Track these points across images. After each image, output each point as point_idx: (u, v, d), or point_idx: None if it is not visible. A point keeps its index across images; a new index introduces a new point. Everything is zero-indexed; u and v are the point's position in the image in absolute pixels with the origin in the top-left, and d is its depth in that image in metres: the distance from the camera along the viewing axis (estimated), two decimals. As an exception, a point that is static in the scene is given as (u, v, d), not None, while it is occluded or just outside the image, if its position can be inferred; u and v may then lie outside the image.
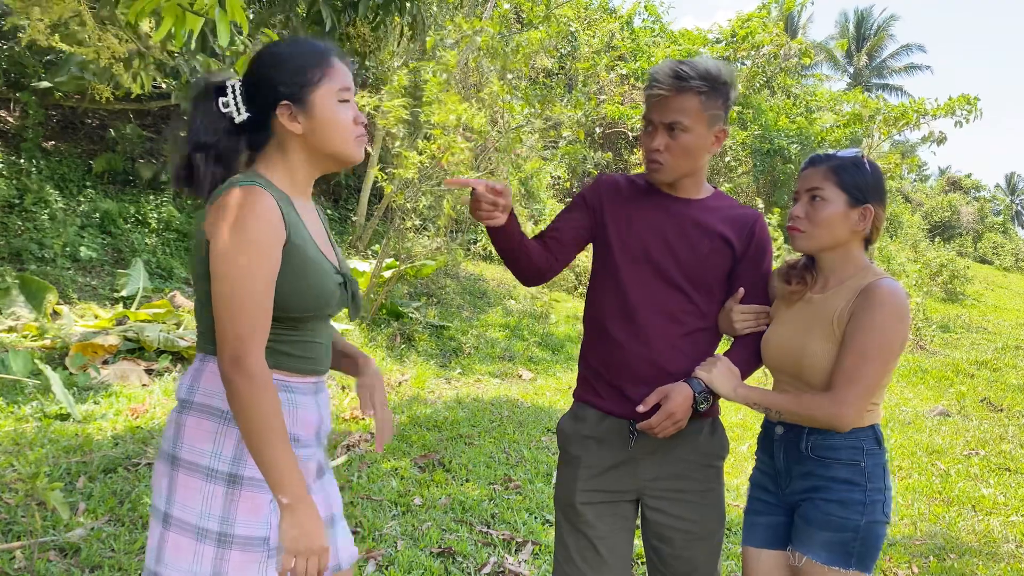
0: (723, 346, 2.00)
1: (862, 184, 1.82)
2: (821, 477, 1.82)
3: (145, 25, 4.36)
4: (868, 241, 1.89)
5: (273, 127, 1.53)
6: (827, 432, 1.81)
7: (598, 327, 1.97)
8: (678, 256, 1.90)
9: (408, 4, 3.88)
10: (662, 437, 1.82)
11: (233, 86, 1.53)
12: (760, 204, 14.12)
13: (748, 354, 1.94)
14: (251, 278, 1.39)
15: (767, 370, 2.01)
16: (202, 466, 1.44)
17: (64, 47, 4.47)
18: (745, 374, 1.93)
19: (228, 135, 1.54)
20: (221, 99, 1.52)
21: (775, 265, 2.04)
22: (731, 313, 1.93)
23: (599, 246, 2.00)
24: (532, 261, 1.95)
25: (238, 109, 1.52)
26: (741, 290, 1.93)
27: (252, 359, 1.38)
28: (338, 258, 1.64)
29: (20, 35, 7.97)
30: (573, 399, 2.08)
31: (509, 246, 1.92)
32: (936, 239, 23.80)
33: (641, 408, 1.83)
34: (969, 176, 39.48)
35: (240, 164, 1.58)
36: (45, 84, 8.24)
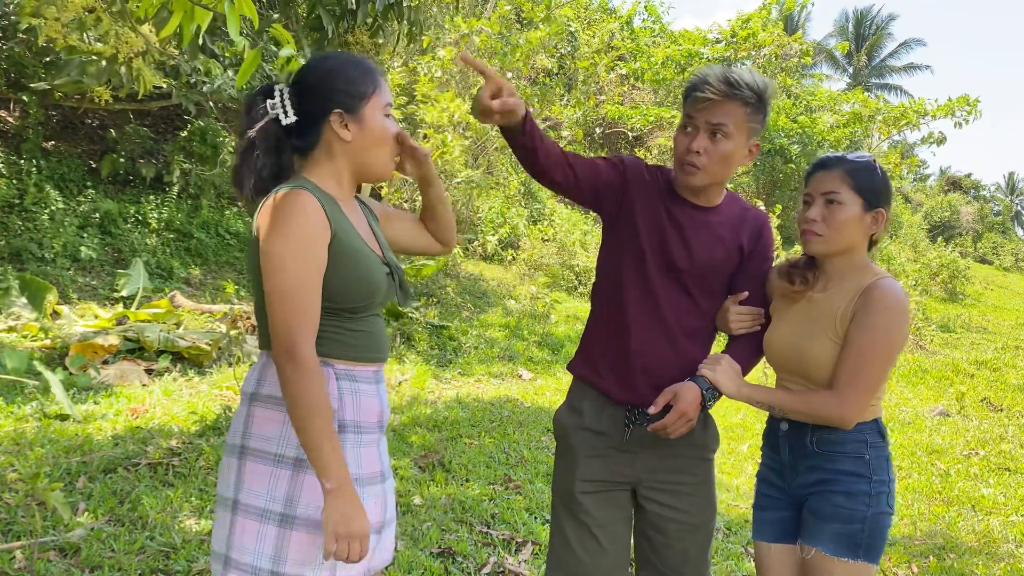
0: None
1: (875, 188, 1.84)
2: (827, 470, 1.85)
3: (145, 27, 4.36)
4: (874, 243, 1.91)
5: (323, 133, 1.61)
6: (830, 427, 1.84)
7: (619, 322, 1.95)
8: (694, 263, 1.92)
9: (407, 10, 3.88)
10: (674, 437, 1.85)
11: (281, 90, 1.62)
12: (760, 204, 14.10)
13: (745, 353, 1.97)
14: (297, 274, 1.48)
15: (765, 368, 2.03)
16: (270, 453, 1.54)
17: (80, 45, 4.46)
18: (742, 373, 1.95)
19: (276, 138, 1.62)
20: (268, 101, 1.60)
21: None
22: (728, 313, 1.95)
23: (625, 238, 1.96)
24: (552, 158, 1.86)
25: (285, 112, 1.60)
26: (745, 293, 1.95)
27: (301, 348, 1.46)
28: (383, 250, 1.72)
29: (22, 36, 7.99)
30: (570, 372, 2.07)
31: (530, 145, 1.82)
32: (936, 239, 23.79)
33: (652, 409, 1.84)
34: (969, 176, 39.51)
35: (291, 168, 1.66)
36: (44, 86, 8.23)
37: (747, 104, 1.83)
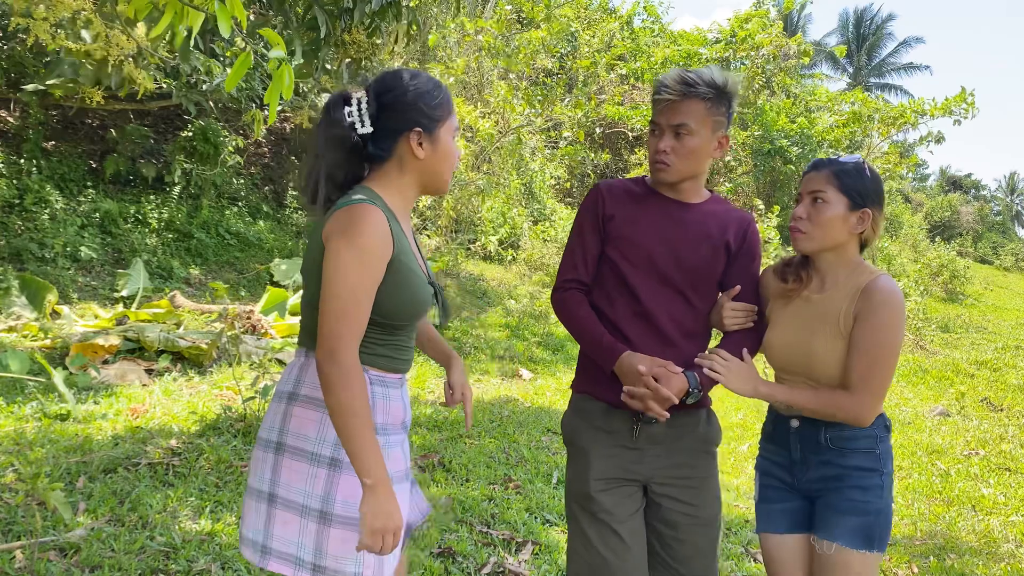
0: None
1: (862, 189, 1.90)
2: (841, 466, 1.90)
3: (140, 28, 4.35)
4: (865, 243, 1.96)
5: (398, 147, 1.68)
6: (843, 424, 1.89)
7: (611, 327, 1.99)
8: (680, 262, 1.96)
9: (404, 9, 3.87)
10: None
11: (359, 99, 1.67)
12: (760, 205, 14.05)
13: (738, 350, 1.99)
14: (356, 284, 1.54)
15: (766, 368, 2.04)
16: (307, 451, 1.61)
17: (69, 46, 4.45)
18: None
19: (350, 145, 1.67)
20: (346, 108, 1.66)
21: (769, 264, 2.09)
22: (722, 309, 1.98)
23: (610, 254, 2.03)
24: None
25: (362, 121, 1.66)
26: (737, 287, 1.98)
27: (346, 353, 1.53)
28: (426, 267, 1.79)
29: (22, 36, 8.00)
30: (572, 390, 2.12)
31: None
32: (936, 239, 23.80)
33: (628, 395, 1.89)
34: (969, 176, 39.54)
35: (363, 175, 1.73)
36: (35, 85, 8.22)
37: (705, 100, 1.91)
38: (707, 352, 1.96)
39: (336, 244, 1.55)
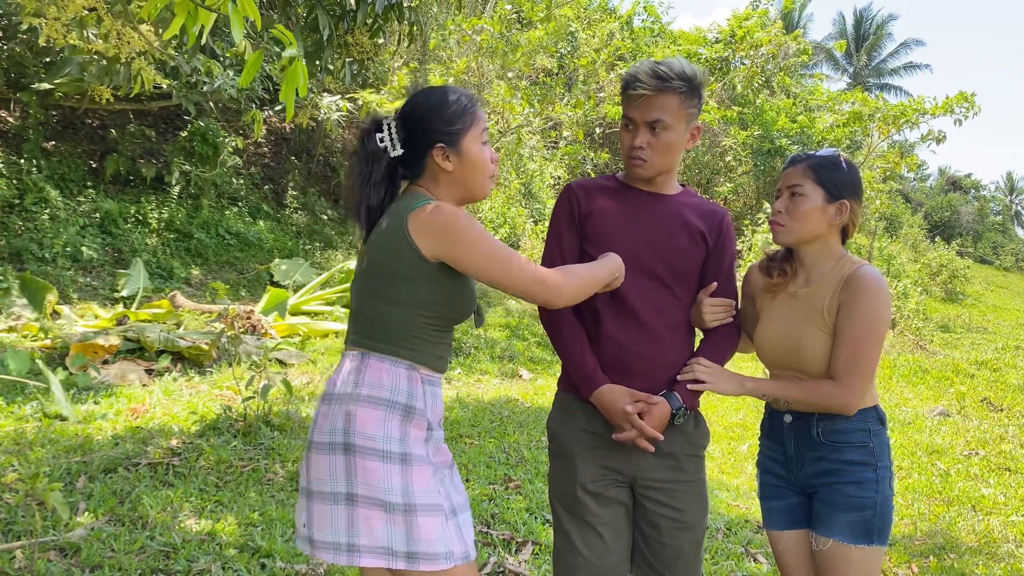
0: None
1: (838, 181, 1.93)
2: (835, 461, 1.91)
3: (144, 27, 4.36)
4: (845, 235, 2.00)
5: (427, 164, 1.80)
6: (836, 417, 1.91)
7: (592, 323, 1.99)
8: (660, 251, 1.96)
9: (407, 10, 3.87)
10: (624, 440, 1.90)
11: (389, 125, 1.81)
12: (768, 207, 14.04)
13: (720, 347, 2.00)
14: (491, 237, 1.72)
15: (765, 371, 2.06)
16: (377, 450, 1.67)
17: (80, 44, 4.45)
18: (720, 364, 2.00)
19: (388, 167, 1.82)
20: (378, 135, 1.80)
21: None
22: (701, 306, 1.97)
23: (585, 248, 2.01)
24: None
25: (393, 145, 1.80)
26: (714, 284, 1.98)
27: (542, 272, 1.74)
28: None
29: (23, 36, 8.00)
30: (558, 388, 2.11)
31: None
32: (936, 239, 23.80)
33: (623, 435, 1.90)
34: (969, 176, 39.55)
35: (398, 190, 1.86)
36: (45, 85, 8.24)
37: (679, 93, 1.89)
38: (687, 363, 1.95)
39: (455, 227, 1.67)
